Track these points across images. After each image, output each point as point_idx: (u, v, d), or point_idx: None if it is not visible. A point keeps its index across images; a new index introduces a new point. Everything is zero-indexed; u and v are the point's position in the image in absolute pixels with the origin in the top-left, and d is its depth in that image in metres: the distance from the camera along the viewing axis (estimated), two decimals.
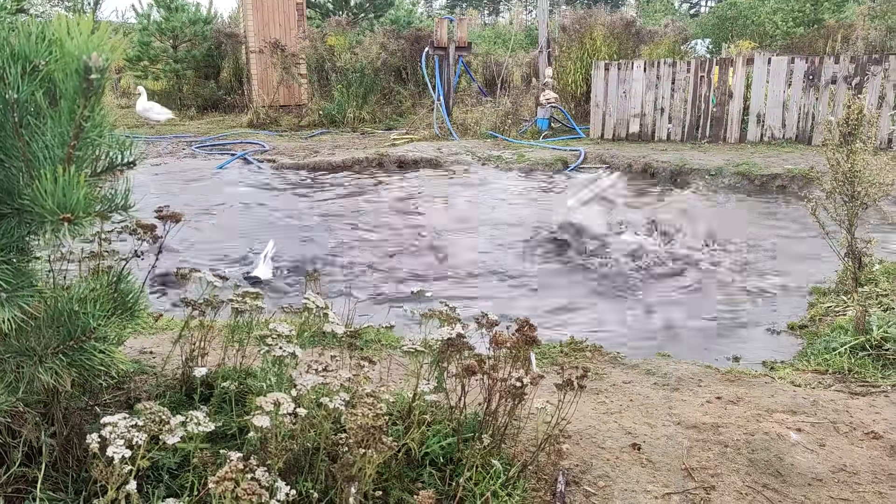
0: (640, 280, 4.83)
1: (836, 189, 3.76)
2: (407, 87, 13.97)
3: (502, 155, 9.21)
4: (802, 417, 2.50)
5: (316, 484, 1.63)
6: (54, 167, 1.19)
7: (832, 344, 3.23)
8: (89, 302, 1.43)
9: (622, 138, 10.25)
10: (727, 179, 7.94)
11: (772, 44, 17.56)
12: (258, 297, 2.12)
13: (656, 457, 2.21)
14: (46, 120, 1.25)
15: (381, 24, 17.64)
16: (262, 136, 11.20)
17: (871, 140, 3.71)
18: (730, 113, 9.66)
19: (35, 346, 1.40)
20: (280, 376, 1.81)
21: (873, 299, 3.62)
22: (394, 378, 2.64)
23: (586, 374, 1.90)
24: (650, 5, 27.68)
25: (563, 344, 3.30)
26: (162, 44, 14.00)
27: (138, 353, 2.73)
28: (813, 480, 2.11)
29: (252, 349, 2.12)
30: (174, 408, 1.82)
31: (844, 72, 8.90)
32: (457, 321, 2.03)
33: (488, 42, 20.02)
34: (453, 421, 1.97)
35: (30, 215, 1.25)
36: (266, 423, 1.45)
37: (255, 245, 5.52)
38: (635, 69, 10.03)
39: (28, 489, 1.62)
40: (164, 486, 1.66)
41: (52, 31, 1.31)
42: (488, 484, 1.82)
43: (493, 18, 45.04)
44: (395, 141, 10.59)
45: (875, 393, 2.74)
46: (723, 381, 2.87)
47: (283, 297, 4.43)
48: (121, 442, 1.32)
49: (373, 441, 1.47)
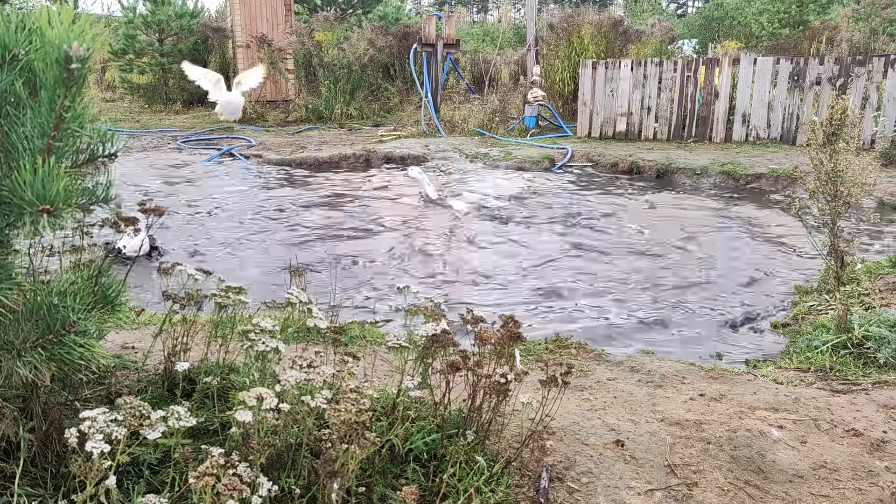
0: (623, 277, 4.85)
1: (819, 189, 3.79)
2: (395, 83, 13.94)
3: (489, 152, 9.21)
4: (784, 415, 2.52)
5: (298, 480, 1.62)
6: (34, 158, 1.17)
7: (814, 342, 3.26)
8: (69, 295, 1.42)
9: (609, 137, 10.28)
10: (712, 179, 7.99)
11: (758, 44, 17.69)
12: (241, 292, 2.11)
13: (639, 453, 2.22)
14: (26, 110, 1.24)
15: (370, 20, 17.60)
16: (249, 132, 11.14)
17: (854, 140, 3.74)
18: (716, 113, 9.72)
19: (13, 340, 1.38)
20: (263, 372, 1.80)
21: (855, 298, 3.66)
22: (378, 374, 2.63)
23: (570, 370, 1.91)
24: (638, 5, 27.78)
25: (547, 341, 3.30)
26: (148, 37, 13.87)
27: (120, 348, 2.71)
28: (794, 477, 2.12)
29: (235, 344, 2.10)
30: (155, 403, 1.81)
31: (829, 73, 8.98)
32: (442, 317, 2.03)
33: (477, 39, 20.02)
34: (437, 417, 1.96)
35: (8, 207, 1.24)
36: (248, 418, 1.44)
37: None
38: (622, 68, 10.07)
39: (6, 484, 1.60)
40: (145, 481, 1.65)
41: (33, 21, 1.29)
42: (472, 480, 1.82)
43: (481, 16, 45.01)
44: (382, 137, 10.56)
45: (856, 391, 2.77)
46: (706, 378, 2.89)
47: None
48: (100, 437, 1.31)
49: (356, 436, 1.46)
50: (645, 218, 6.49)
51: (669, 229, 6.06)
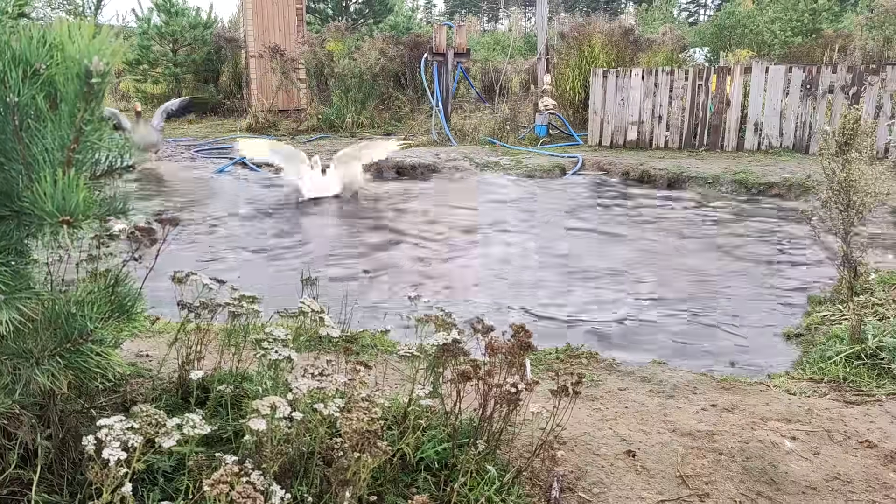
0: (633, 286, 4.84)
1: (831, 198, 3.78)
2: (405, 92, 14.00)
3: (500, 161, 9.23)
4: (797, 426, 2.51)
5: (311, 488, 1.64)
6: (54, 170, 1.19)
7: (828, 353, 3.24)
8: (87, 304, 1.44)
9: (620, 145, 10.28)
10: (724, 187, 7.97)
11: (770, 53, 17.64)
12: (254, 301, 2.13)
13: (651, 464, 2.22)
14: (47, 123, 1.26)
15: (381, 30, 17.70)
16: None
17: (868, 150, 3.72)
18: (727, 121, 9.69)
19: (32, 349, 1.40)
20: (276, 380, 1.81)
21: (869, 308, 3.63)
22: (389, 383, 2.64)
23: (581, 380, 1.91)
24: (649, 14, 27.78)
25: (558, 350, 3.30)
26: (162, 48, 14.03)
27: (135, 357, 2.74)
28: (807, 489, 2.11)
29: (248, 353, 2.12)
30: (170, 411, 1.83)
31: (842, 81, 8.94)
32: (452, 326, 2.03)
33: (487, 48, 20.08)
34: (448, 426, 1.97)
35: (29, 218, 1.26)
36: (262, 427, 1.45)
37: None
38: (633, 77, 10.07)
39: (23, 491, 1.62)
40: (160, 489, 1.67)
41: (54, 36, 1.32)
42: (483, 489, 1.82)
43: (492, 25, 45.15)
44: None
45: (870, 402, 2.75)
46: (718, 388, 2.88)
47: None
48: (116, 444, 1.33)
49: (368, 445, 1.47)
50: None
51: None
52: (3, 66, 1.23)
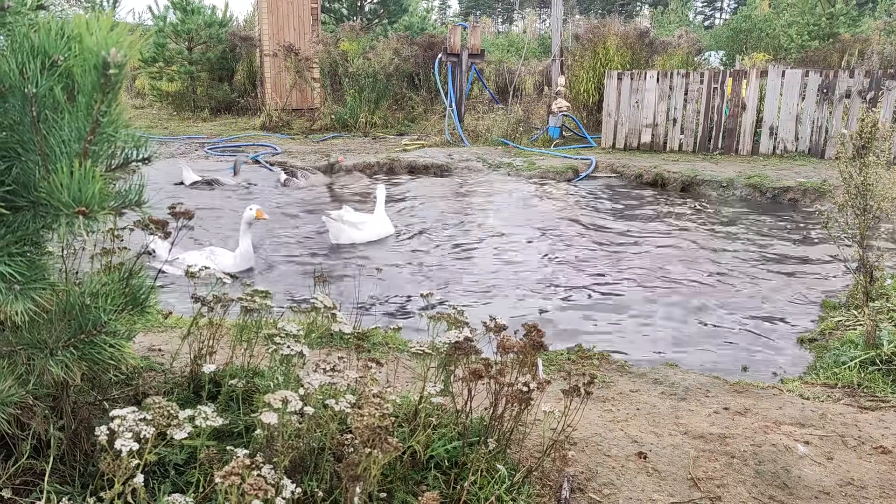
0: (648, 291, 4.81)
1: (848, 202, 3.74)
2: (419, 92, 14.01)
3: (513, 162, 9.21)
4: (810, 430, 2.49)
5: (321, 483, 1.63)
6: (70, 161, 1.20)
7: (842, 358, 3.21)
8: (101, 296, 1.44)
9: (634, 148, 10.23)
10: (738, 191, 7.91)
11: (786, 57, 17.50)
12: (267, 296, 2.13)
13: (662, 466, 2.20)
14: (64, 115, 1.27)
15: (395, 30, 17.72)
16: (275, 139, 11.26)
17: (885, 154, 3.68)
18: (742, 125, 9.63)
19: (46, 339, 1.41)
20: (287, 375, 1.81)
21: (884, 314, 3.59)
22: (400, 380, 2.64)
23: (593, 381, 1.90)
24: (664, 16, 27.67)
25: (570, 351, 3.29)
26: (177, 45, 14.11)
27: (147, 350, 2.75)
28: (820, 493, 2.09)
29: (260, 348, 2.13)
30: (182, 404, 1.83)
31: (859, 86, 8.87)
32: (464, 325, 2.03)
33: (501, 50, 20.06)
34: (459, 424, 1.96)
35: (45, 209, 1.27)
36: (274, 420, 1.45)
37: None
38: (648, 79, 10.03)
39: (36, 481, 1.63)
40: (171, 481, 1.67)
41: (72, 28, 1.32)
42: (493, 488, 1.82)
43: (506, 26, 45.12)
44: (406, 146, 10.61)
45: (884, 407, 2.72)
46: (731, 391, 2.86)
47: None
48: (129, 435, 1.33)
49: (378, 441, 1.47)
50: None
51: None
52: (22, 57, 1.23)
